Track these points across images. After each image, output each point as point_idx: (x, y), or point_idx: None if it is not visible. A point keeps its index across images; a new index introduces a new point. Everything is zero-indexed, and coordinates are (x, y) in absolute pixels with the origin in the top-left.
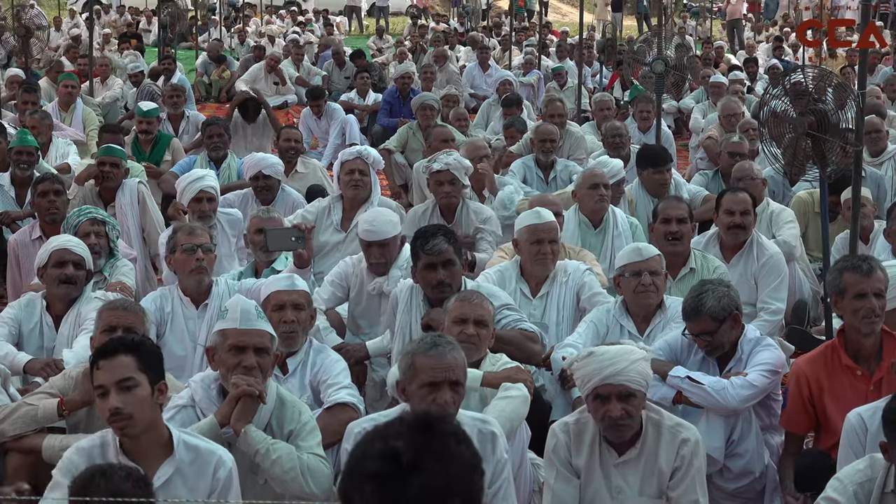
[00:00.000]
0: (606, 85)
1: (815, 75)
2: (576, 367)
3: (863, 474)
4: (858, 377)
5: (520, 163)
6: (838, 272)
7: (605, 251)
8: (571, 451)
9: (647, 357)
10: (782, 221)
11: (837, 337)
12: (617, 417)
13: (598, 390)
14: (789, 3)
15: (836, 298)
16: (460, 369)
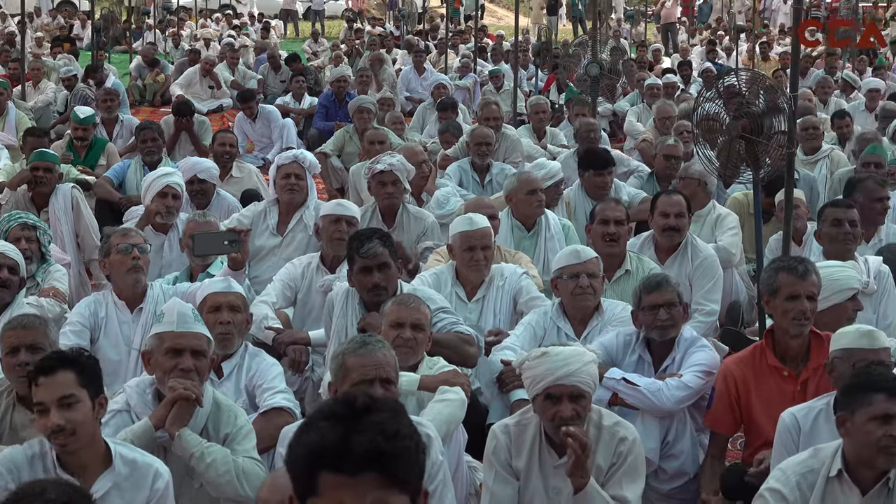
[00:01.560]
0: (542, 88)
1: (748, 78)
2: (527, 367)
3: (806, 465)
4: (785, 378)
5: (455, 166)
6: (774, 271)
7: (538, 254)
8: (511, 453)
9: (596, 359)
10: (726, 227)
11: (766, 338)
12: (568, 418)
13: (550, 390)
14: (722, 6)
15: (768, 298)
16: (391, 367)
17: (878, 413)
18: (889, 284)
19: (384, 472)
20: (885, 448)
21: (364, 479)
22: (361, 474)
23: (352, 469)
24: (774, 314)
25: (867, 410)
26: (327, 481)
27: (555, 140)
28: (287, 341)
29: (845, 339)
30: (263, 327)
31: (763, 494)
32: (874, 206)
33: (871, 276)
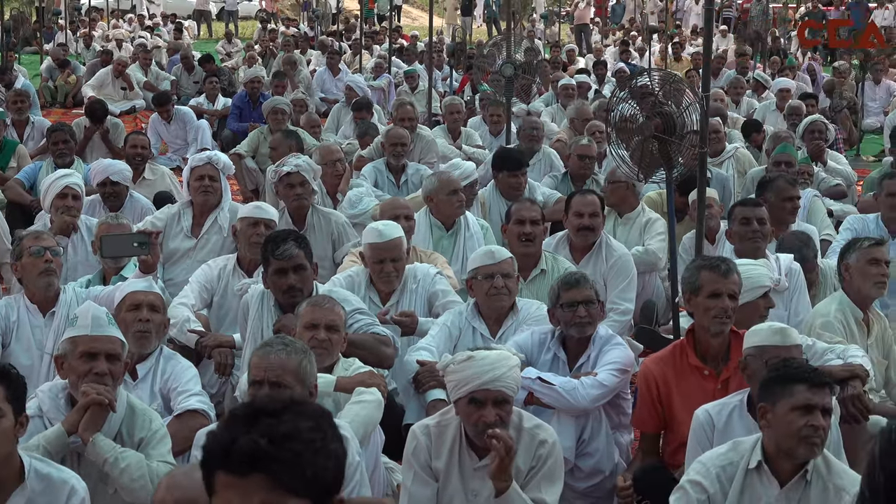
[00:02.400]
0: (457, 89)
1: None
2: (451, 371)
3: (726, 457)
4: (706, 377)
5: (371, 167)
6: (696, 270)
7: (457, 253)
8: (431, 454)
9: (519, 363)
10: (654, 231)
11: (686, 337)
12: (492, 423)
13: (475, 395)
14: (635, 7)
15: (689, 296)
16: (286, 372)
17: (800, 403)
18: (800, 282)
19: (271, 474)
20: (805, 438)
21: (252, 480)
22: (250, 475)
23: (239, 469)
24: (696, 312)
25: (789, 401)
26: (220, 481)
27: (469, 140)
28: (212, 344)
29: (758, 337)
30: (186, 330)
31: (683, 486)
32: (785, 205)
33: (783, 274)
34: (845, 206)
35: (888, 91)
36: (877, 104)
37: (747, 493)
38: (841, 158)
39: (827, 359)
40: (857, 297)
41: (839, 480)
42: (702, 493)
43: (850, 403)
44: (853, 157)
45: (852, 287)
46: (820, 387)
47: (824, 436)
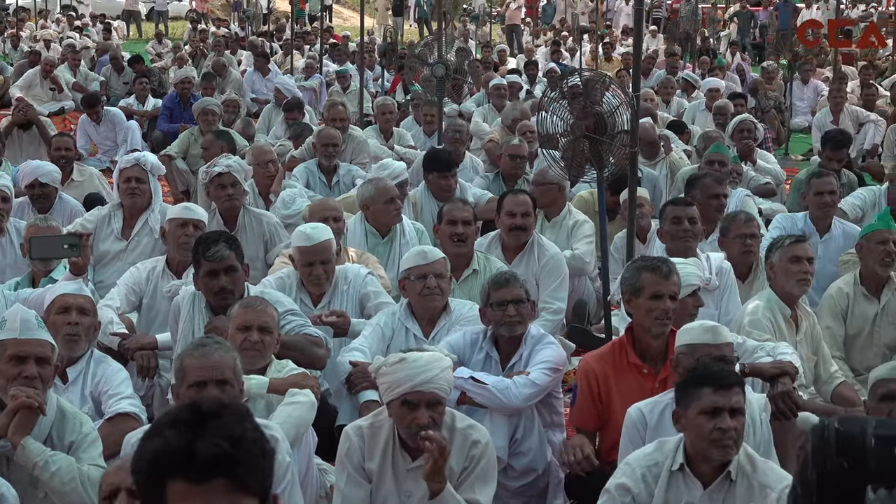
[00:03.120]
0: (388, 89)
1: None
2: (383, 373)
3: (651, 458)
4: (645, 375)
5: (302, 167)
6: (637, 271)
7: (392, 259)
8: (364, 455)
9: (452, 364)
10: (581, 235)
11: (626, 335)
12: (425, 425)
13: (408, 397)
14: (566, 7)
15: (629, 296)
16: (228, 369)
17: (707, 407)
18: (730, 280)
19: (231, 477)
20: (715, 441)
21: (212, 486)
22: (209, 481)
23: (199, 476)
24: (636, 313)
25: (697, 405)
26: (175, 490)
27: (402, 141)
28: (134, 347)
29: (689, 335)
30: (109, 333)
31: (609, 489)
32: (711, 203)
33: (713, 273)
34: (774, 205)
35: (816, 91)
36: (805, 104)
37: (672, 493)
38: (770, 157)
39: (757, 356)
40: (783, 294)
41: (764, 478)
42: (626, 494)
43: (779, 400)
44: (782, 155)
45: (777, 285)
46: (726, 388)
47: (736, 436)
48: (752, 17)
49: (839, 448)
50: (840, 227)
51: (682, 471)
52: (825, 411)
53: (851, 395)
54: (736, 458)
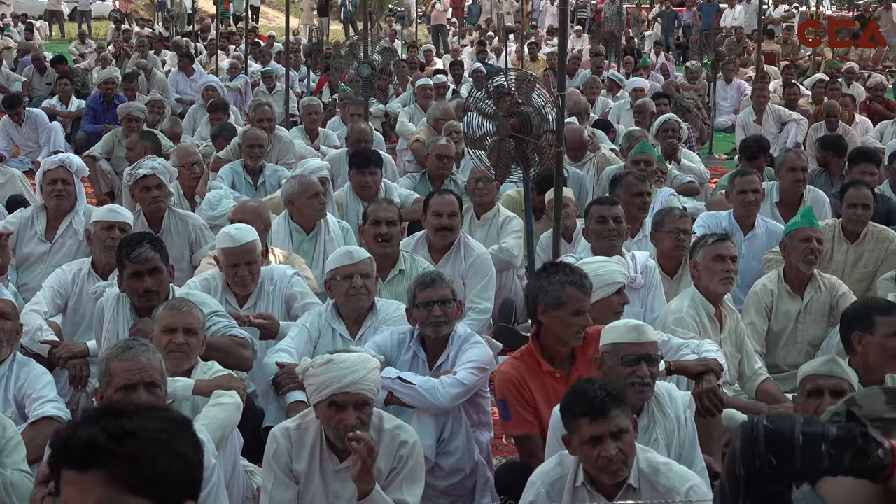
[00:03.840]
0: (314, 89)
1: (517, 78)
2: (311, 374)
3: (553, 472)
4: (557, 379)
5: (228, 168)
6: (561, 285)
7: (317, 257)
8: (292, 456)
9: (379, 365)
10: (510, 230)
11: (532, 342)
12: (352, 426)
13: (335, 398)
14: (491, 7)
15: (546, 307)
16: (156, 371)
17: (586, 438)
18: (655, 278)
19: (108, 470)
20: (603, 468)
21: (90, 477)
22: (88, 471)
23: (77, 464)
24: (553, 324)
25: (578, 436)
26: (63, 477)
27: (327, 141)
28: (65, 356)
29: (614, 334)
30: (38, 340)
31: None
32: (634, 201)
33: (638, 272)
34: (698, 204)
35: (739, 90)
36: (728, 103)
37: None
38: (694, 156)
39: (682, 354)
40: (707, 293)
41: (667, 481)
42: None
43: (704, 397)
44: (706, 154)
45: (702, 284)
46: (602, 416)
47: (624, 457)
48: (676, 17)
49: (767, 445)
50: (764, 225)
51: (585, 486)
52: (749, 408)
53: (775, 392)
54: (634, 466)
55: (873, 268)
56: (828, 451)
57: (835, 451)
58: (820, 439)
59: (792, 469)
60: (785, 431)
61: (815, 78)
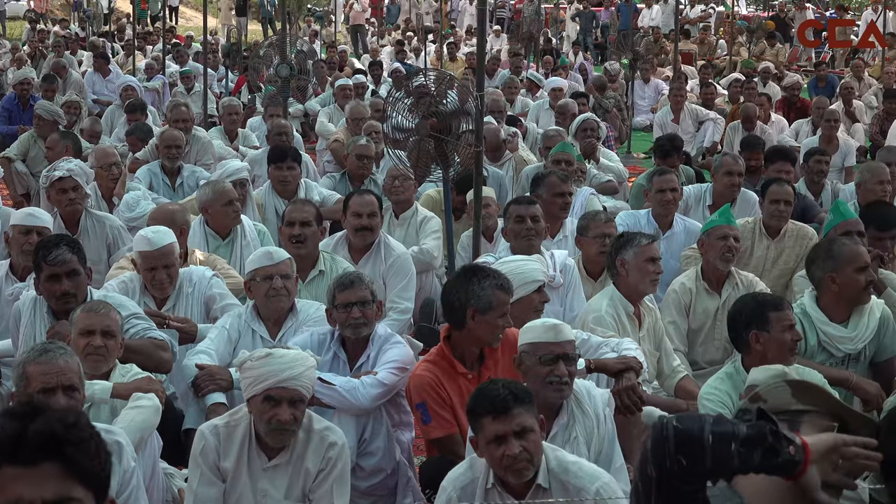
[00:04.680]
0: (233, 89)
1: (436, 78)
2: (248, 367)
3: (464, 476)
4: (470, 380)
5: (145, 169)
6: (492, 290)
7: (233, 262)
8: (220, 454)
9: (316, 364)
10: (429, 230)
11: (444, 344)
12: (286, 422)
13: (271, 392)
14: (410, 7)
15: (476, 312)
16: (74, 374)
17: (490, 437)
18: (574, 277)
19: (63, 462)
20: (508, 467)
21: (43, 470)
22: (40, 464)
23: (29, 458)
24: (481, 328)
25: (483, 435)
26: (5, 475)
27: (247, 141)
28: None
29: (532, 334)
30: None
31: None
32: (556, 201)
33: (557, 270)
34: (618, 203)
35: (657, 90)
36: (646, 102)
37: None
38: (613, 156)
39: (602, 352)
40: (631, 292)
41: (577, 480)
42: None
43: (624, 395)
44: (624, 154)
45: (627, 283)
46: (504, 414)
47: (529, 455)
48: (594, 18)
49: (677, 445)
50: (682, 224)
51: (496, 487)
52: (669, 405)
53: (693, 389)
54: (543, 466)
55: (793, 264)
56: (738, 449)
57: (745, 449)
58: (730, 438)
59: (702, 468)
60: (694, 431)
61: (731, 77)
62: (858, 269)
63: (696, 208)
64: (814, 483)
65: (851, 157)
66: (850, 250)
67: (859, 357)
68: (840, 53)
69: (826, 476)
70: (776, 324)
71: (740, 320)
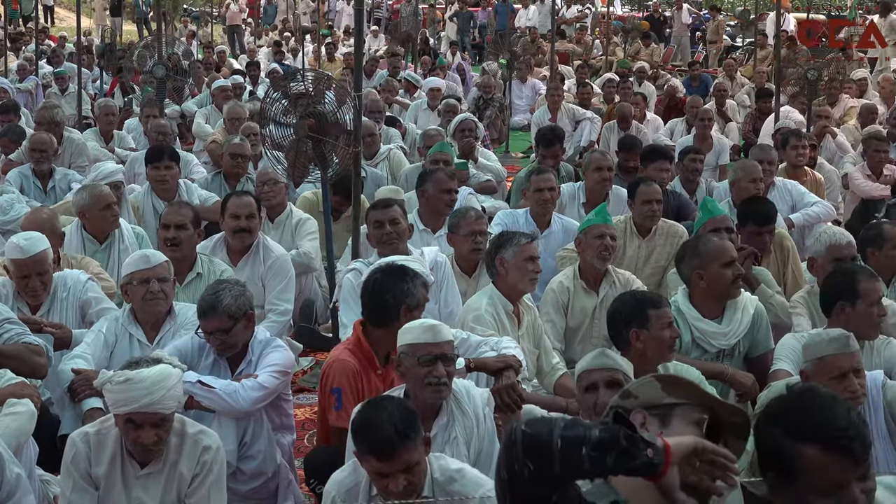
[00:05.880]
0: (107, 91)
1: (313, 78)
2: (110, 390)
3: (349, 480)
4: (379, 376)
5: (16, 172)
6: (420, 287)
7: (112, 266)
8: (91, 462)
9: (181, 375)
10: (305, 232)
11: (364, 339)
12: (149, 444)
13: (133, 417)
14: (287, 7)
15: (408, 310)
16: None
17: (374, 472)
18: (447, 272)
19: None
20: (389, 496)
21: None
22: None
23: None
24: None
25: (367, 465)
26: None
27: (122, 143)
28: None
29: (410, 335)
30: None
31: None
32: (442, 197)
33: (428, 268)
34: (497, 202)
35: (534, 89)
36: (523, 102)
37: None
38: (491, 155)
39: (481, 351)
40: (510, 291)
41: (461, 488)
42: None
43: (504, 393)
44: (502, 153)
45: (506, 281)
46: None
47: (413, 487)
48: (472, 18)
49: (525, 450)
50: (559, 223)
51: (380, 497)
52: (548, 403)
53: (572, 386)
54: (429, 476)
55: (664, 262)
56: (588, 453)
57: (596, 453)
58: (581, 442)
59: (549, 472)
60: (543, 436)
61: (606, 77)
62: (724, 264)
63: (572, 206)
64: (673, 484)
65: (725, 155)
66: (715, 246)
67: (733, 352)
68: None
69: (685, 477)
70: (656, 321)
71: (620, 318)
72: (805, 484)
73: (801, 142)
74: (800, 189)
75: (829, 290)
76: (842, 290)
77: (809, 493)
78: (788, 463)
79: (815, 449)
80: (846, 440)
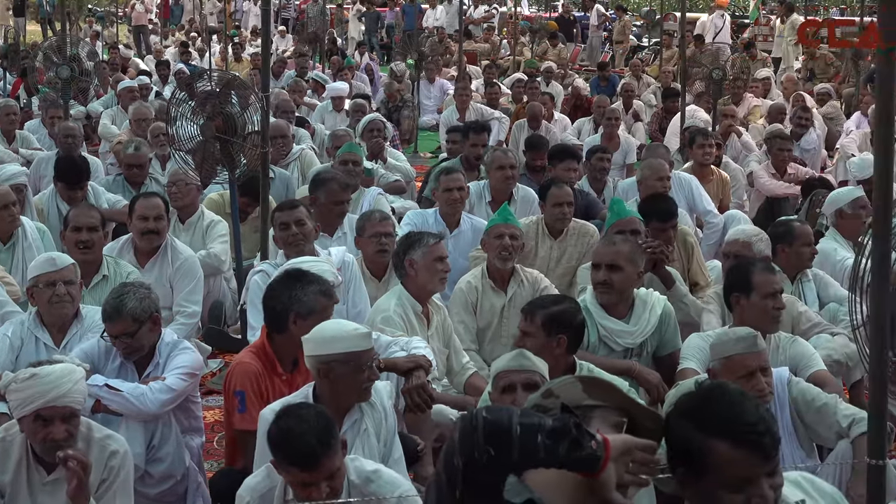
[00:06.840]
0: (11, 91)
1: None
2: (14, 389)
3: (262, 485)
4: (284, 381)
5: None
6: (315, 294)
7: (16, 265)
8: None
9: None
10: (216, 234)
11: (268, 343)
12: (61, 440)
13: (41, 412)
14: (194, 7)
15: (297, 317)
16: None
17: (296, 482)
18: (354, 272)
19: None
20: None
21: None
22: None
23: None
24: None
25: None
26: None
27: (26, 143)
28: None
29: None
30: None
31: None
32: (333, 209)
33: (336, 268)
34: (406, 202)
35: (442, 89)
36: (432, 102)
37: None
38: (399, 155)
39: (391, 351)
40: (420, 291)
41: (377, 489)
42: None
43: (414, 393)
44: (411, 153)
45: (416, 282)
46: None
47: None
48: (379, 18)
49: (486, 436)
50: (469, 222)
51: (295, 501)
52: (458, 402)
53: (483, 385)
54: (346, 480)
55: (576, 262)
56: (544, 441)
57: (550, 441)
58: (536, 430)
59: (509, 459)
60: (503, 422)
61: (515, 77)
62: None
63: (479, 205)
64: (609, 483)
65: (632, 154)
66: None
67: (641, 351)
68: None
69: (620, 477)
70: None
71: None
72: (714, 479)
73: (707, 140)
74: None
75: (726, 282)
76: (736, 282)
77: (719, 489)
78: (698, 458)
79: (725, 444)
80: (756, 435)
